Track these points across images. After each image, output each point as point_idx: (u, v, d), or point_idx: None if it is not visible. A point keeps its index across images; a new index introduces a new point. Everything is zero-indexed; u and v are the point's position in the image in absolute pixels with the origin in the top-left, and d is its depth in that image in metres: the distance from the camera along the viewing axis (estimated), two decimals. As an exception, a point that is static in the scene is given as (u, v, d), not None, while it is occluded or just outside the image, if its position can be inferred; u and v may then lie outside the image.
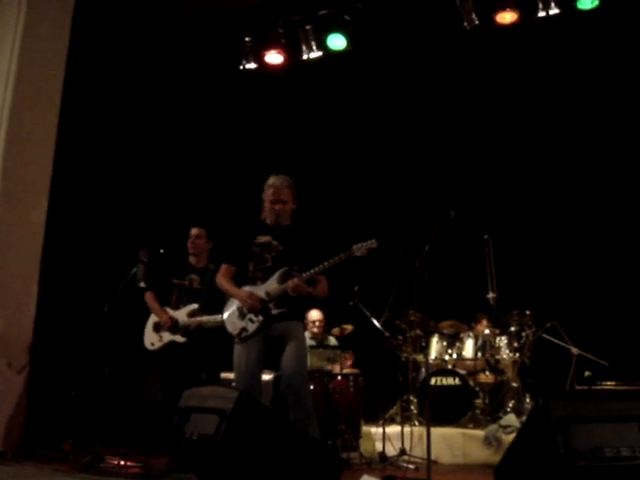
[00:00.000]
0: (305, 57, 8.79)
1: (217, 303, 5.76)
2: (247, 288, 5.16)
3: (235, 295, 5.20)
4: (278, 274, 5.13)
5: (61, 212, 7.99)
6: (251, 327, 5.04)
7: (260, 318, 5.05)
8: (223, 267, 5.36)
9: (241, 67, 9.15)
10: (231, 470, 3.76)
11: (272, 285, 5.11)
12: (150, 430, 7.17)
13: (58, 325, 8.13)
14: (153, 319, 6.35)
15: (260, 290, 5.11)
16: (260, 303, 5.04)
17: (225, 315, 5.29)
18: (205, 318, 6.07)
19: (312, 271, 5.05)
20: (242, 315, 5.11)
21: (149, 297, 6.36)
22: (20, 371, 6.97)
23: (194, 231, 6.39)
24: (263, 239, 5.24)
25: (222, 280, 5.29)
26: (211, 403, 3.81)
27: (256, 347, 5.05)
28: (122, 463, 5.95)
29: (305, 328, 5.37)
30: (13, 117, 7.15)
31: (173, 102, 9.83)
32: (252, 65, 9.10)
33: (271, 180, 5.39)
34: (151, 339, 6.32)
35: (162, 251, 6.92)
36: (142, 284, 7.41)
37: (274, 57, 8.98)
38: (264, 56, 9.00)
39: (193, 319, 6.13)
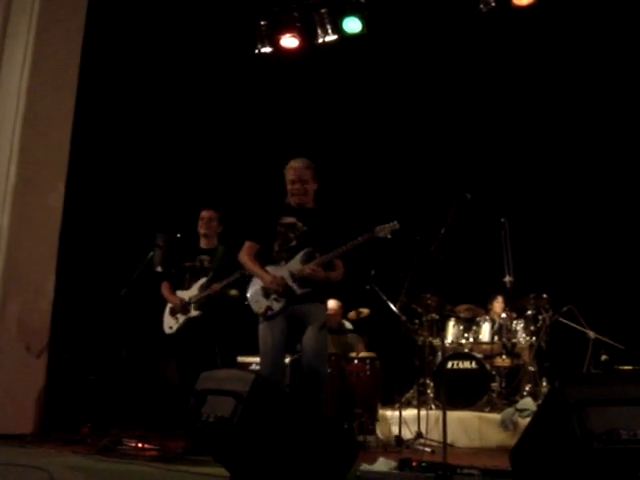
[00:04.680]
0: (320, 41, 8.75)
1: (225, 276, 6.08)
2: (271, 267, 5.25)
3: (259, 277, 5.28)
4: (301, 254, 5.23)
5: (79, 196, 8.03)
6: (276, 306, 5.15)
7: (284, 298, 5.15)
8: (247, 244, 5.44)
9: (256, 51, 9.12)
10: (247, 452, 3.78)
11: (296, 265, 5.20)
12: (167, 413, 7.22)
13: (76, 309, 8.17)
14: (170, 305, 6.49)
15: (284, 270, 5.20)
16: (284, 287, 5.14)
17: (249, 293, 5.36)
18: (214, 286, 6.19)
19: (332, 253, 5.14)
20: (267, 294, 5.20)
21: (164, 287, 6.51)
22: (39, 355, 7.03)
23: (208, 213, 6.46)
24: (288, 220, 5.34)
25: (245, 258, 5.40)
26: (228, 386, 3.82)
27: (280, 325, 5.15)
28: (139, 446, 6.00)
29: (326, 309, 5.39)
30: (30, 102, 7.18)
31: (190, 86, 9.83)
32: (267, 49, 9.07)
33: (291, 163, 5.48)
34: (169, 323, 6.44)
35: (179, 235, 6.95)
36: (159, 268, 7.46)
37: (289, 41, 8.95)
38: (279, 40, 8.97)
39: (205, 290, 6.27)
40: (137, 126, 9.53)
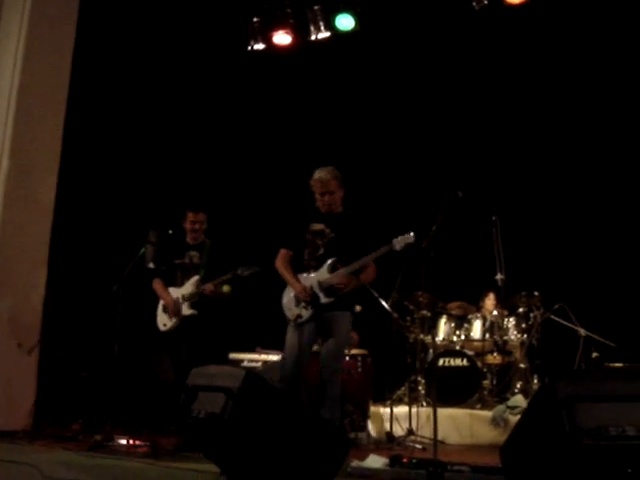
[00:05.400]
0: (313, 37, 8.73)
1: (217, 273, 6.22)
2: (302, 275, 5.56)
3: (291, 285, 5.61)
4: (328, 264, 5.49)
5: (71, 192, 8.01)
6: (305, 314, 5.44)
7: (312, 307, 5.45)
8: (281, 252, 5.76)
9: (249, 47, 9.10)
10: (238, 448, 3.78)
11: (324, 275, 5.48)
12: (160, 410, 7.22)
13: (68, 305, 8.15)
14: (162, 302, 6.57)
15: (313, 279, 5.51)
16: (311, 297, 5.44)
17: (284, 300, 5.67)
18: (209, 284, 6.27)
19: (350, 266, 5.40)
20: (298, 302, 5.52)
21: (156, 284, 6.61)
22: (30, 351, 7.02)
23: (200, 216, 6.57)
24: (317, 227, 5.63)
25: (280, 266, 5.71)
26: (219, 382, 3.82)
27: (307, 330, 5.45)
28: (131, 442, 6.00)
29: (351, 316, 5.67)
30: (22, 96, 7.17)
31: (182, 82, 9.81)
32: (260, 45, 9.05)
33: (316, 175, 5.69)
34: (163, 320, 6.54)
35: (171, 232, 6.96)
36: (151, 265, 7.47)
37: (282, 37, 8.93)
38: (272, 36, 8.96)
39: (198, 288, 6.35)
40: (129, 122, 9.51)
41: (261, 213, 10.04)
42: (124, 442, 6.01)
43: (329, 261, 5.49)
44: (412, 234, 5.34)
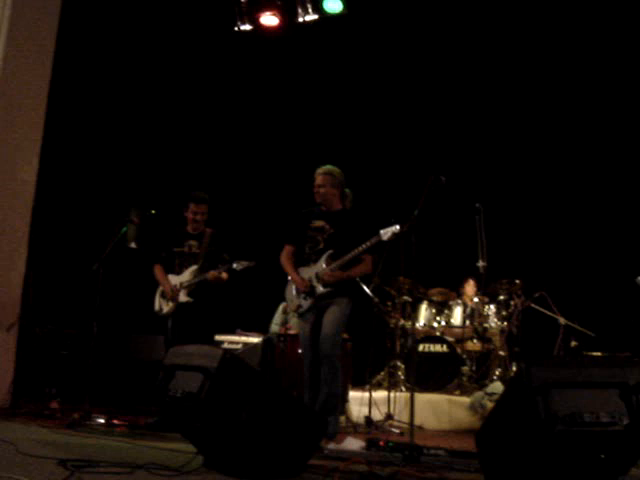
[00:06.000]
0: (301, 20, 8.68)
1: (215, 263, 6.46)
2: (302, 269, 5.90)
3: (292, 278, 5.98)
4: (325, 256, 5.79)
5: (52, 170, 7.96)
6: (305, 304, 5.82)
7: (310, 297, 5.79)
8: (285, 248, 6.09)
9: (236, 28, 9.03)
10: (214, 428, 3.78)
11: (321, 267, 5.79)
12: (139, 390, 7.21)
13: (48, 284, 8.12)
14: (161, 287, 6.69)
15: (312, 271, 5.83)
16: (309, 288, 5.78)
17: (287, 293, 6.07)
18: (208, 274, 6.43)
19: (340, 261, 5.69)
20: (298, 293, 5.89)
21: (157, 270, 6.71)
22: (9, 329, 6.98)
23: (201, 207, 6.66)
24: (317, 223, 5.95)
25: (283, 260, 6.05)
26: (196, 361, 3.82)
27: (310, 320, 5.81)
28: (109, 421, 6.00)
29: (350, 302, 5.90)
30: (4, 76, 7.08)
31: (167, 62, 9.76)
32: (247, 27, 8.98)
33: (317, 170, 6.06)
34: (160, 305, 6.64)
35: (153, 212, 6.97)
36: (133, 244, 7.47)
37: (269, 19, 8.86)
38: (259, 18, 8.89)
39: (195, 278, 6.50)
40: (112, 102, 9.46)
41: (258, 206, 10.07)
42: (102, 421, 6.02)
43: (327, 253, 5.79)
44: (398, 225, 5.52)
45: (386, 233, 5.56)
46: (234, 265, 6.28)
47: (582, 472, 3.28)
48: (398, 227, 5.50)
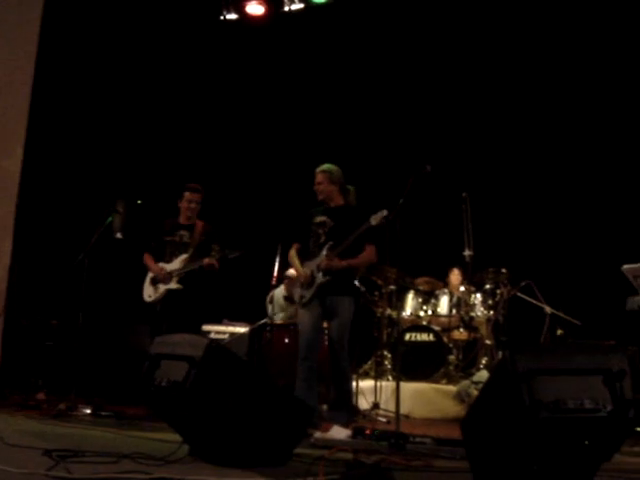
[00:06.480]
0: (287, 9, 8.66)
1: (204, 253, 6.50)
2: (307, 262, 6.11)
3: (296, 272, 6.31)
4: (325, 248, 5.96)
5: (37, 161, 7.92)
6: (307, 294, 6.00)
7: (312, 287, 5.96)
8: (292, 246, 6.34)
9: (222, 17, 9.00)
10: (200, 417, 3.78)
11: (321, 258, 5.96)
12: (125, 380, 7.20)
13: (33, 274, 8.09)
14: (150, 274, 6.71)
15: (314, 263, 6.01)
16: (310, 278, 5.99)
17: (294, 286, 6.37)
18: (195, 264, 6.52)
19: (338, 248, 5.86)
20: (302, 285, 6.10)
21: (146, 258, 6.76)
22: (-6, 320, 6.95)
23: (196, 196, 6.76)
24: (320, 219, 6.15)
25: (291, 256, 6.32)
26: (181, 350, 3.81)
27: (315, 312, 5.98)
28: (95, 411, 5.99)
29: (353, 301, 6.09)
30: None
31: (153, 51, 9.71)
32: (233, 15, 8.96)
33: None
34: (148, 292, 6.68)
35: (139, 202, 6.97)
36: (119, 235, 7.45)
37: (255, 8, 8.86)
38: (245, 6, 8.87)
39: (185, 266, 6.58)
40: (98, 92, 9.41)
41: (246, 197, 10.06)
42: (88, 411, 6.02)
43: (326, 245, 5.96)
44: (385, 210, 5.62)
45: (375, 218, 5.69)
46: (226, 252, 6.38)
47: (566, 458, 3.29)
48: (386, 211, 5.60)
